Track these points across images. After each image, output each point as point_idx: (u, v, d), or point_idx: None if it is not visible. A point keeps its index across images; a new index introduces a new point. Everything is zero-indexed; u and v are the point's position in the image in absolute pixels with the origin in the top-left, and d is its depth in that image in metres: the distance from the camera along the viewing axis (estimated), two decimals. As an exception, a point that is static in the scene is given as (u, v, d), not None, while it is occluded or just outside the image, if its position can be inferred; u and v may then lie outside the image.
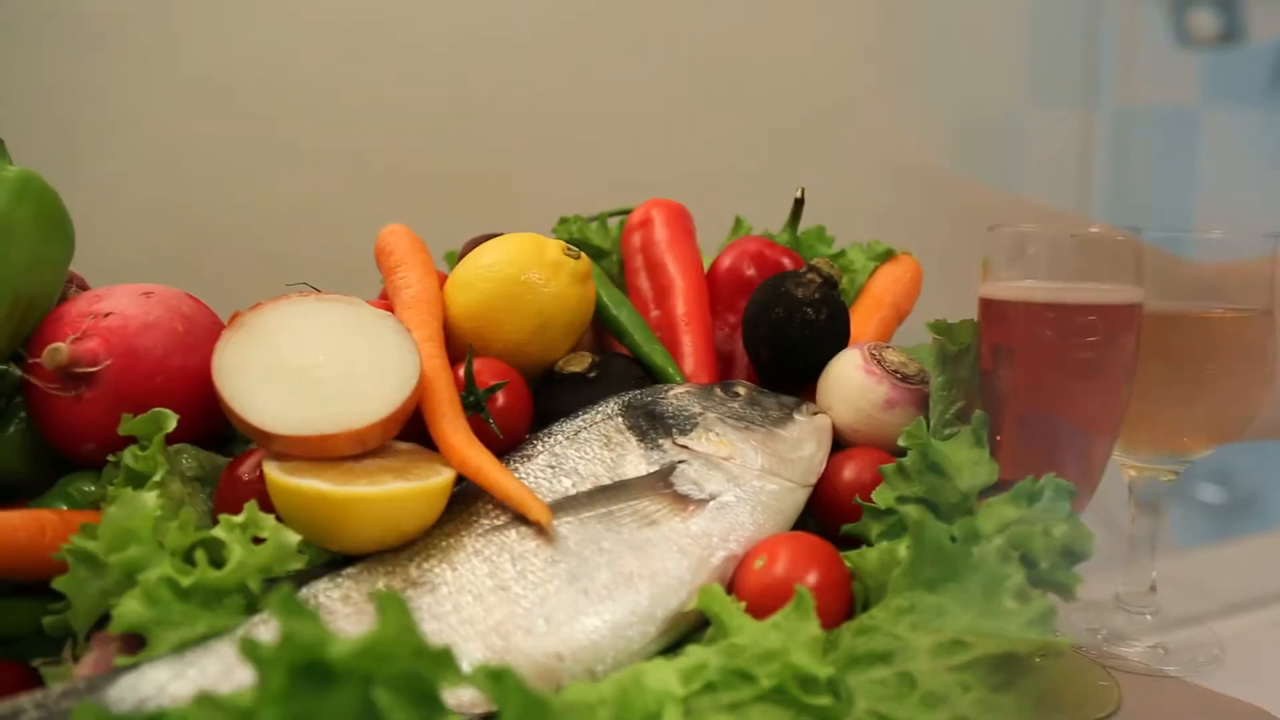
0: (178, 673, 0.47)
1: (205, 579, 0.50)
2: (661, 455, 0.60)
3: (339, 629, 0.50)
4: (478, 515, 0.58)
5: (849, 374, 0.66)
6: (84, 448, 0.62)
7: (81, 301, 0.64)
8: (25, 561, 0.54)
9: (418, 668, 0.37)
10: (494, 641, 0.50)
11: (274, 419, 0.56)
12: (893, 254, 0.82)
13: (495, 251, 0.70)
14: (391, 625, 0.37)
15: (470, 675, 0.36)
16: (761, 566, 0.55)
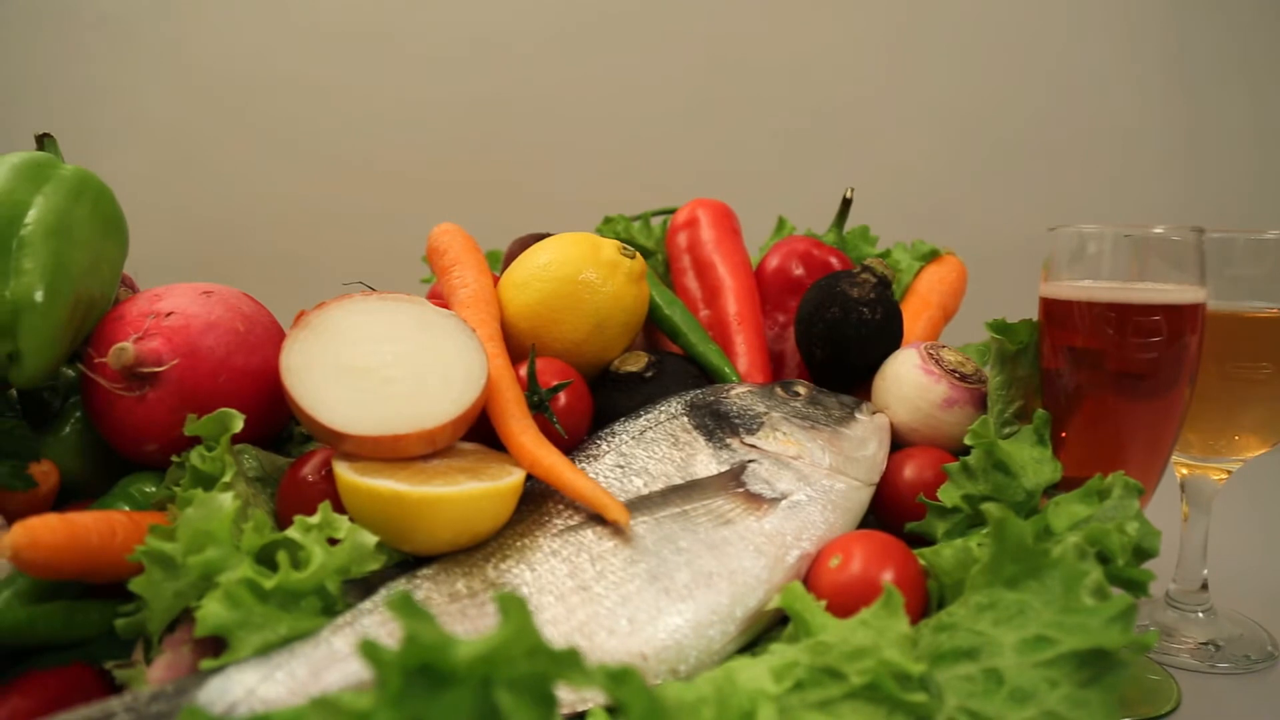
0: (266, 675, 0.47)
1: (288, 581, 0.50)
2: (730, 454, 0.60)
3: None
4: (549, 515, 0.58)
5: (907, 373, 0.67)
6: (146, 448, 0.61)
7: (141, 301, 0.63)
8: (98, 563, 0.53)
9: (542, 668, 0.37)
10: (578, 642, 0.50)
11: (346, 419, 0.55)
12: (937, 254, 0.83)
13: (551, 251, 0.70)
14: (514, 626, 0.37)
15: (594, 676, 0.36)
16: (837, 565, 0.55)
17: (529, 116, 1.47)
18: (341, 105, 1.58)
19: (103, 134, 1.67)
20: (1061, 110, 1.38)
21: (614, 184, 1.47)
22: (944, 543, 0.57)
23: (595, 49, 1.45)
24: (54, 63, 1.69)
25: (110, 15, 1.66)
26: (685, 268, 0.79)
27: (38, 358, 0.59)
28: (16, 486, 0.58)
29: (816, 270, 0.77)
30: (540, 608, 0.52)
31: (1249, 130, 1.49)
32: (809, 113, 1.40)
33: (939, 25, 1.39)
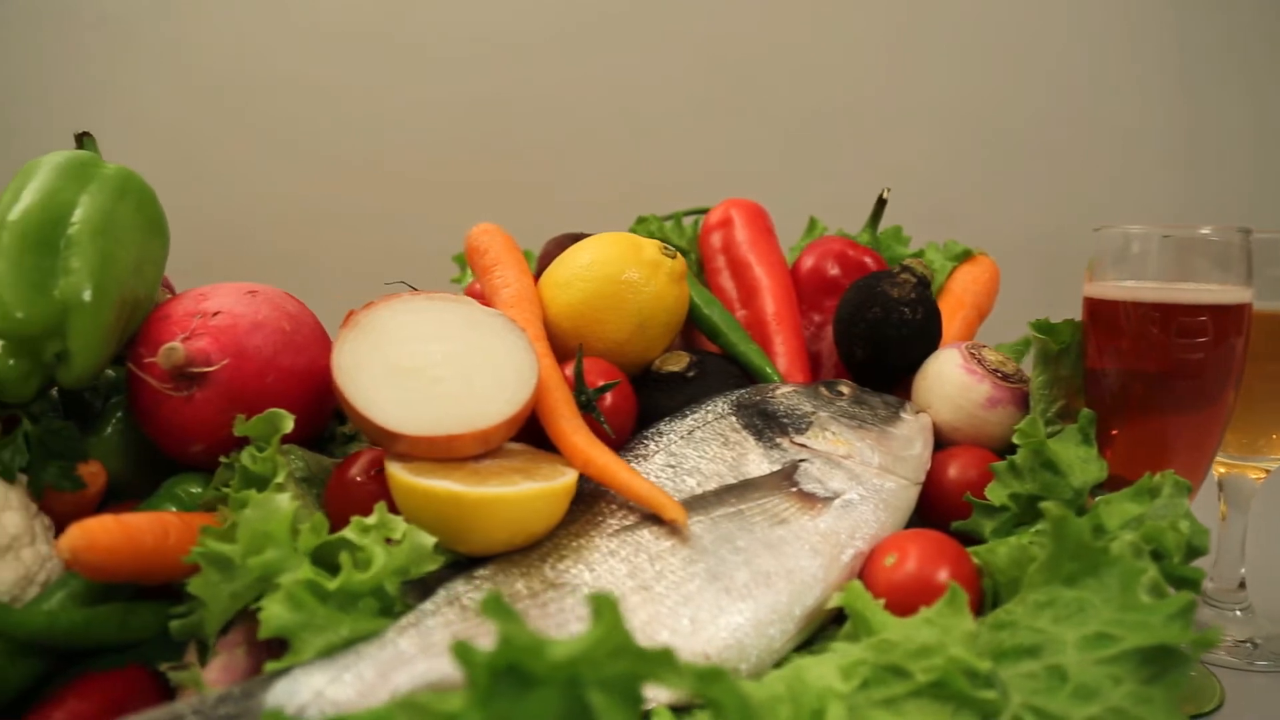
0: (333, 677, 0.46)
1: (350, 582, 0.50)
2: (781, 454, 0.61)
3: (489, 631, 0.49)
4: (602, 515, 0.58)
5: (949, 373, 0.67)
6: (192, 448, 0.61)
7: (186, 300, 0.63)
8: (151, 565, 0.53)
9: (634, 668, 0.36)
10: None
11: (400, 419, 0.55)
12: (970, 254, 0.83)
13: (592, 251, 0.70)
14: (606, 626, 0.36)
15: (686, 675, 0.36)
16: (893, 563, 0.55)
17: (541, 116, 1.47)
18: (347, 106, 1.57)
19: (105, 134, 1.65)
20: (1078, 110, 1.39)
21: (626, 184, 1.47)
22: (996, 540, 0.57)
23: (607, 48, 1.45)
24: (55, 62, 1.67)
25: (111, 15, 1.64)
26: (720, 267, 0.79)
27: (86, 358, 0.58)
28: (65, 487, 0.57)
29: (852, 270, 0.77)
30: (602, 608, 0.51)
31: (1251, 129, 1.50)
32: (822, 111, 1.41)
33: (951, 27, 1.40)
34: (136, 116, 1.66)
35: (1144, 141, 1.39)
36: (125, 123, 1.65)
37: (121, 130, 1.65)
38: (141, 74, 1.64)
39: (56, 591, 0.54)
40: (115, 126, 1.67)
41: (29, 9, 1.68)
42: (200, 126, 1.63)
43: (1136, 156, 1.39)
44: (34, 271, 0.57)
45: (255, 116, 1.60)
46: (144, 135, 1.65)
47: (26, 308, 0.56)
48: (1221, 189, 1.52)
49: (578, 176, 1.46)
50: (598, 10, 1.44)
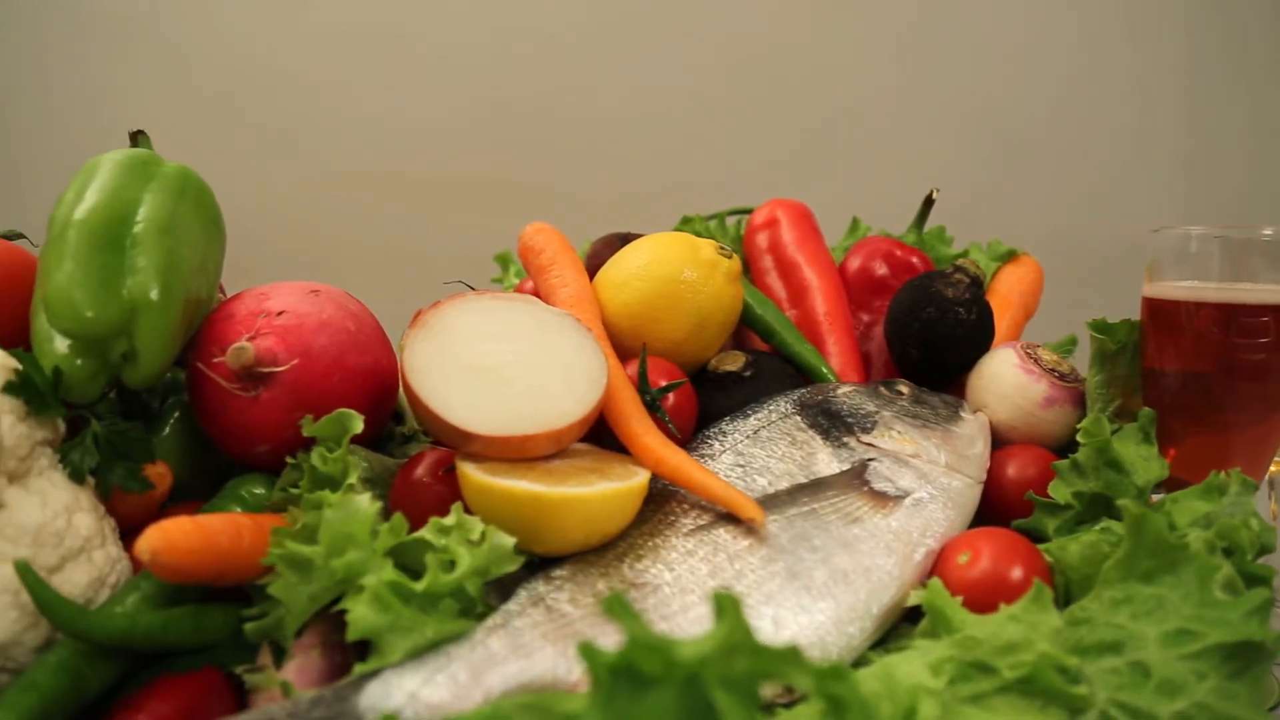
0: (426, 679, 0.46)
1: (436, 584, 0.50)
2: (849, 453, 0.61)
3: (578, 632, 0.49)
4: (675, 515, 0.58)
5: (1006, 372, 0.67)
6: (257, 449, 0.60)
7: (248, 300, 0.62)
8: (227, 567, 0.52)
9: (760, 666, 0.37)
10: (725, 640, 0.50)
11: (474, 419, 0.55)
12: (1015, 254, 0.84)
13: (649, 251, 0.70)
14: (730, 625, 0.37)
15: (810, 672, 0.36)
16: (966, 561, 0.56)
17: (558, 118, 1.47)
18: (356, 107, 1.56)
19: (104, 134, 1.64)
20: (1100, 110, 1.41)
21: (642, 185, 1.47)
22: (1066, 538, 0.58)
23: (624, 48, 1.45)
24: (58, 62, 1.65)
25: (115, 15, 1.62)
26: (767, 268, 0.80)
27: (153, 358, 0.57)
28: (133, 488, 0.56)
29: (900, 270, 0.78)
30: (685, 607, 0.52)
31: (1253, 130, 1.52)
32: (847, 110, 1.42)
33: (971, 29, 1.41)
34: (140, 117, 1.64)
35: (1157, 141, 1.41)
36: (130, 123, 1.63)
37: (125, 129, 1.64)
38: (148, 75, 1.62)
39: (129, 594, 0.53)
40: (118, 126, 1.66)
41: (31, 8, 1.66)
42: (203, 127, 1.61)
43: (1154, 156, 1.40)
44: (102, 271, 0.56)
45: (260, 117, 1.59)
46: (170, 136, 1.63)
47: (96, 307, 0.55)
48: (1232, 188, 1.54)
49: (599, 177, 1.46)
50: (617, 10, 1.44)
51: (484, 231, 1.36)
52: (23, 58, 1.65)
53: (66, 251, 0.56)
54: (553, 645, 0.48)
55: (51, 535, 0.52)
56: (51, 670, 0.48)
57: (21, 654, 0.50)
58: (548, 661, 0.48)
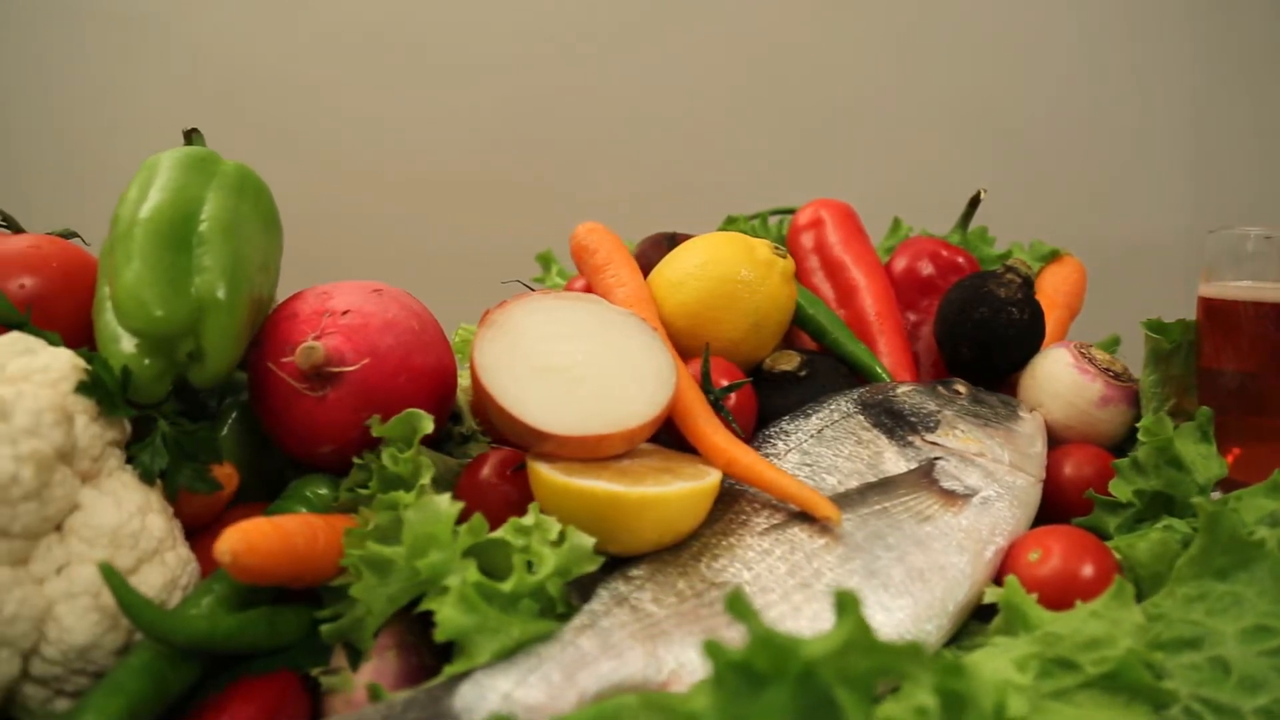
0: (519, 680, 0.46)
1: (523, 584, 0.49)
2: (915, 452, 0.61)
3: (664, 631, 0.49)
4: (746, 514, 0.58)
5: (1060, 372, 0.68)
6: (321, 449, 0.60)
7: (310, 299, 0.61)
8: (303, 568, 0.52)
9: (882, 663, 0.37)
10: (808, 639, 0.50)
11: (548, 419, 0.55)
12: (1058, 254, 0.85)
13: (705, 250, 0.70)
14: (852, 623, 0.37)
15: (932, 669, 0.37)
16: (1037, 559, 0.56)
17: (582, 117, 1.47)
18: (371, 107, 1.55)
19: (107, 135, 1.62)
20: (1121, 109, 1.42)
21: (659, 186, 1.48)
22: (1134, 535, 0.58)
23: (635, 50, 1.45)
24: (60, 62, 1.63)
25: (119, 15, 1.61)
26: (813, 268, 0.80)
27: (220, 357, 0.57)
28: (201, 489, 0.56)
29: (946, 271, 0.78)
30: (766, 606, 0.52)
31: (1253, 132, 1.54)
32: (862, 110, 1.43)
33: (994, 30, 1.43)
34: (144, 116, 1.63)
35: (1176, 140, 1.42)
36: (137, 123, 1.61)
37: (128, 130, 1.62)
38: (156, 75, 1.61)
39: (203, 596, 0.52)
40: (122, 126, 1.64)
41: (35, 8, 1.64)
42: (209, 127, 1.59)
43: (1167, 156, 1.42)
44: (170, 270, 0.56)
45: (263, 118, 1.57)
46: (155, 137, 1.62)
47: (165, 306, 0.55)
48: (1233, 188, 1.56)
49: (623, 179, 1.46)
50: (641, 9, 1.44)
51: (500, 233, 1.36)
52: (30, 57, 1.63)
53: (134, 250, 0.56)
54: (641, 645, 0.48)
55: (127, 537, 0.51)
56: (136, 673, 0.47)
57: (101, 656, 0.49)
58: (638, 662, 0.48)
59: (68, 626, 0.48)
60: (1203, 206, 1.53)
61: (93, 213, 0.66)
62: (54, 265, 0.60)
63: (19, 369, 0.51)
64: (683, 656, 0.48)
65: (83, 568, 0.49)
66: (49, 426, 0.48)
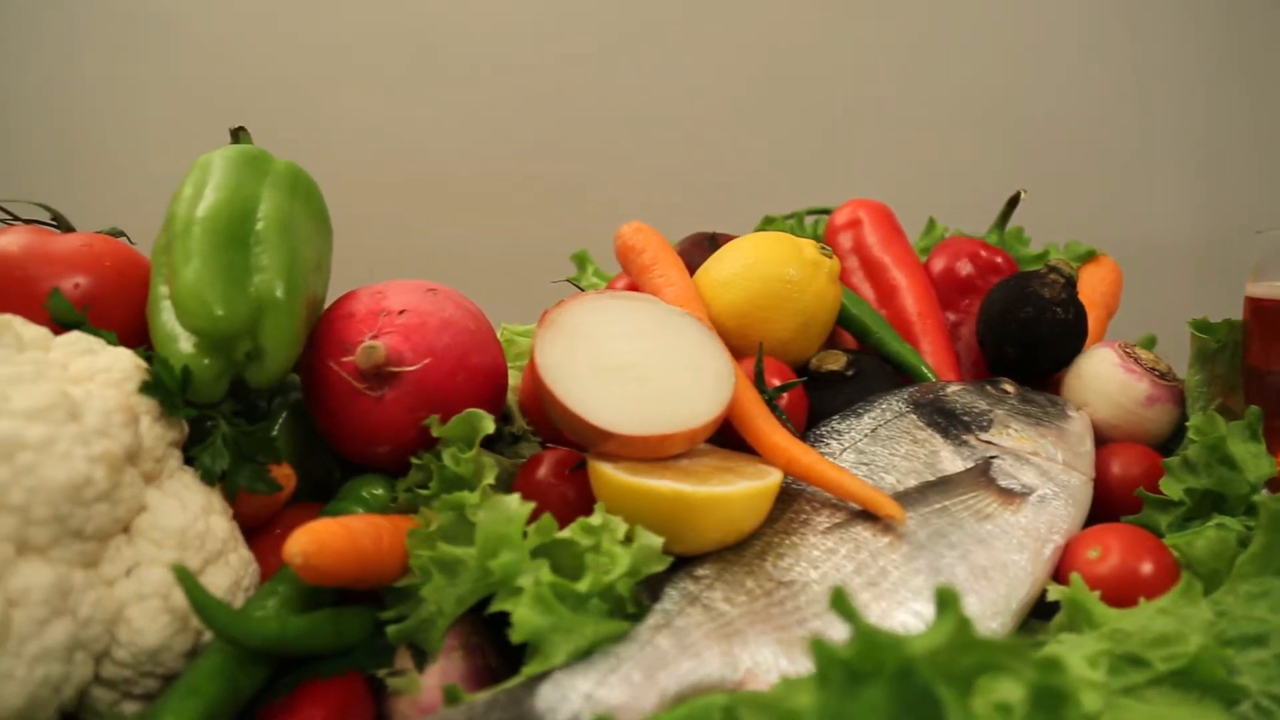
0: (599, 680, 0.46)
1: (597, 584, 0.49)
2: (970, 451, 0.62)
3: (739, 630, 0.49)
4: (805, 513, 0.58)
5: (1106, 371, 0.69)
6: (378, 449, 0.60)
7: (364, 298, 0.61)
8: (370, 569, 0.52)
9: (984, 659, 0.37)
10: (878, 637, 0.50)
11: (613, 419, 0.55)
12: (1094, 254, 0.85)
13: (753, 250, 0.70)
14: (955, 620, 0.37)
15: (1034, 665, 0.37)
16: (1096, 557, 0.56)
17: (596, 118, 1.46)
18: (384, 108, 1.54)
19: (114, 135, 1.60)
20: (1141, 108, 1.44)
21: (679, 187, 1.48)
22: (1191, 533, 0.59)
23: (661, 52, 1.45)
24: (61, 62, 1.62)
25: (123, 14, 1.59)
26: (852, 268, 0.80)
27: (279, 357, 0.57)
28: (260, 490, 0.55)
29: (985, 271, 0.79)
30: (835, 605, 0.52)
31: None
32: (886, 111, 1.43)
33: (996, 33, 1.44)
34: (152, 116, 1.62)
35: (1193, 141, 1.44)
36: (152, 123, 1.60)
37: (136, 131, 1.61)
38: (167, 74, 1.60)
39: (268, 598, 0.52)
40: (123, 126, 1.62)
41: (39, 7, 1.62)
42: (214, 127, 1.58)
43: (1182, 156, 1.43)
44: (230, 269, 0.55)
45: (275, 121, 1.56)
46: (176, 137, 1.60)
47: (226, 305, 0.54)
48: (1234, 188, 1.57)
49: (638, 180, 1.46)
50: (664, 11, 1.44)
51: (529, 233, 1.36)
52: (30, 56, 1.61)
53: (193, 249, 0.55)
54: (717, 645, 0.48)
55: (194, 538, 0.50)
56: (209, 675, 0.47)
57: (170, 659, 0.49)
58: (715, 661, 0.48)
59: (138, 629, 0.47)
60: (1205, 209, 1.54)
61: (92, 210, 0.65)
62: (106, 264, 0.59)
63: (82, 369, 0.51)
64: (758, 655, 0.48)
65: (152, 569, 0.49)
66: (118, 427, 0.48)
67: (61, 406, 0.46)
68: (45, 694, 0.43)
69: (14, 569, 0.43)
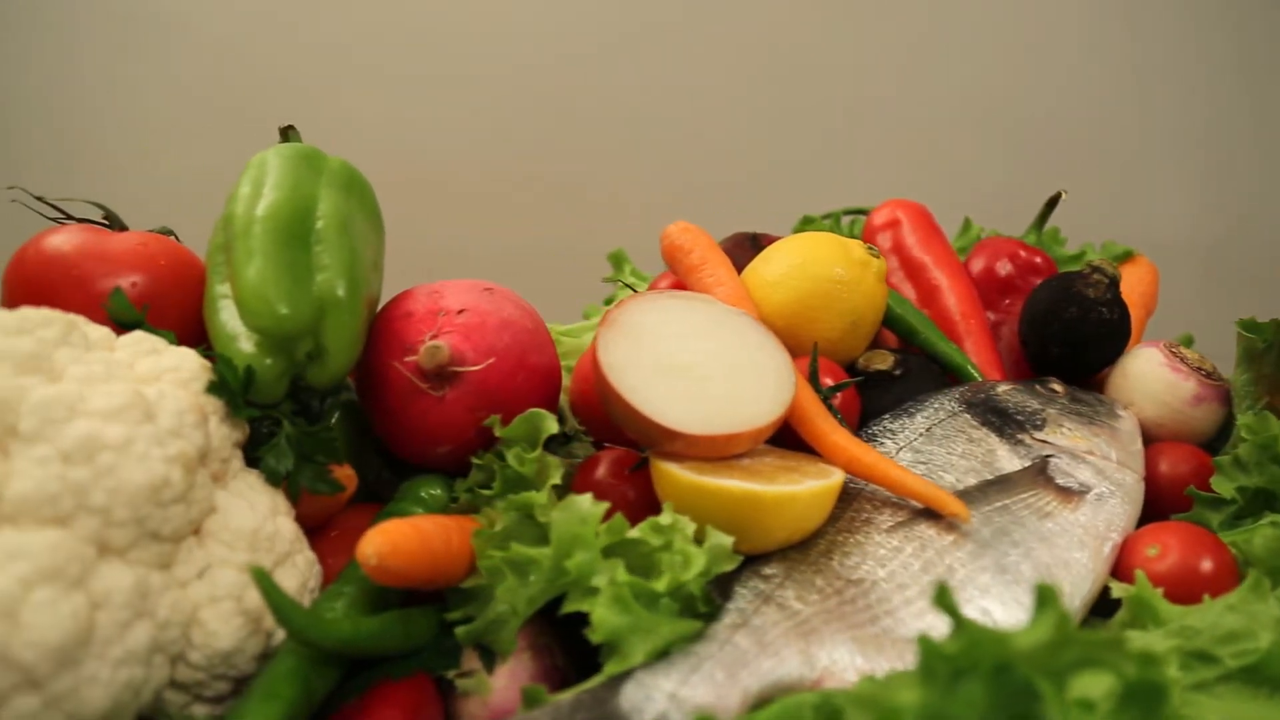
0: (683, 680, 0.46)
1: (675, 584, 0.49)
2: (1026, 450, 0.62)
3: (815, 629, 0.49)
4: (867, 512, 0.58)
5: (1152, 371, 0.69)
6: (438, 450, 0.59)
7: (421, 297, 0.61)
8: (440, 570, 0.51)
9: (1086, 655, 0.37)
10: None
11: (680, 418, 0.55)
12: (1131, 255, 0.86)
13: (801, 250, 0.70)
14: (1056, 615, 0.37)
15: (1133, 660, 0.37)
16: (1156, 554, 0.57)
17: (622, 118, 1.46)
18: (401, 109, 1.53)
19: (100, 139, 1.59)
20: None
21: (688, 185, 1.48)
22: (1248, 530, 0.59)
23: (681, 50, 1.45)
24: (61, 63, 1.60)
25: (126, 14, 1.58)
26: (892, 268, 0.80)
27: (341, 356, 0.56)
28: (322, 491, 0.55)
29: (1025, 271, 0.79)
30: (907, 601, 0.52)
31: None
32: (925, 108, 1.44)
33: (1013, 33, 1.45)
34: (161, 115, 1.60)
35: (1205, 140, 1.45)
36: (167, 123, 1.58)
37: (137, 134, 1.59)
38: (175, 75, 1.58)
39: (336, 600, 0.52)
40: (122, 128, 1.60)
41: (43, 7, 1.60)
42: (220, 128, 1.57)
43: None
44: (292, 268, 0.55)
45: (272, 119, 1.55)
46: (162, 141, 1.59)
47: (291, 304, 0.54)
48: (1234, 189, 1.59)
49: (655, 180, 1.46)
50: (686, 9, 1.44)
51: (558, 234, 1.35)
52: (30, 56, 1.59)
53: (255, 248, 0.55)
54: (794, 644, 0.48)
55: (264, 539, 0.50)
56: (285, 678, 0.46)
57: (243, 661, 0.48)
58: (794, 659, 0.48)
59: (213, 631, 0.47)
60: (1207, 209, 1.56)
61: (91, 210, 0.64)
62: (161, 264, 0.59)
63: (148, 369, 0.50)
64: (834, 654, 0.48)
65: (224, 571, 0.48)
66: (190, 427, 0.48)
67: (138, 406, 0.45)
68: (127, 697, 0.43)
69: (96, 571, 0.42)
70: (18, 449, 0.42)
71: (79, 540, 0.42)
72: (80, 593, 0.41)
